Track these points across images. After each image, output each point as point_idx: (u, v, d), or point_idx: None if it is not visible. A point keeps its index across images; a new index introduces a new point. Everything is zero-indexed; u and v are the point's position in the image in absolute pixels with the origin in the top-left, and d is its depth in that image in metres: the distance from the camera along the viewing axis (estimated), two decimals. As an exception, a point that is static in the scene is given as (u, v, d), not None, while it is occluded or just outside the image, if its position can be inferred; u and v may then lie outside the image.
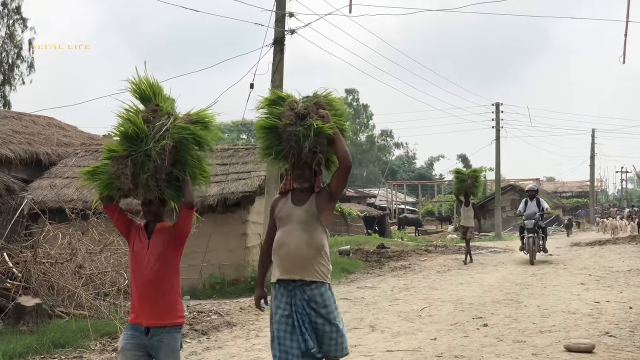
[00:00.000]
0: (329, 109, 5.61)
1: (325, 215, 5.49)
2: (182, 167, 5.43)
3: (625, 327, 9.57)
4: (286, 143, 5.38)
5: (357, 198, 56.03)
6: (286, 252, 5.40)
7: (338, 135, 5.43)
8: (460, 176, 22.73)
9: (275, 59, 16.27)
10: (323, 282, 5.40)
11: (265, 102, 5.70)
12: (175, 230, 5.47)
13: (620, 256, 22.50)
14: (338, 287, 15.93)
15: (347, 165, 5.49)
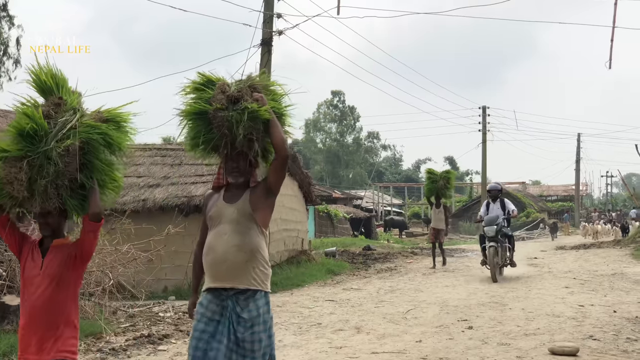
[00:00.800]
0: (266, 93, 4.99)
1: (261, 213, 4.91)
2: (89, 173, 4.62)
3: (609, 330, 9.61)
4: (217, 130, 4.74)
5: (343, 199, 56.02)
6: (214, 257, 4.78)
7: (275, 120, 4.81)
8: (432, 177, 21.80)
9: (263, 59, 16.31)
10: (259, 290, 4.84)
11: (193, 85, 5.02)
12: (77, 247, 4.66)
13: (605, 260, 22.66)
14: (324, 288, 15.96)
15: (284, 155, 4.85)
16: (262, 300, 4.87)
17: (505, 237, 17.14)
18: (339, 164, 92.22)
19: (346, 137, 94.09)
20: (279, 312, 12.03)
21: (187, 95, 5.02)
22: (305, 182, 22.37)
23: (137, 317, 11.23)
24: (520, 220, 58.71)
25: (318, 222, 39.75)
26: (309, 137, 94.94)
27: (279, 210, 19.48)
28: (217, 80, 5.03)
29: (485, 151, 47.17)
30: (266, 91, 5.04)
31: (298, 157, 21.42)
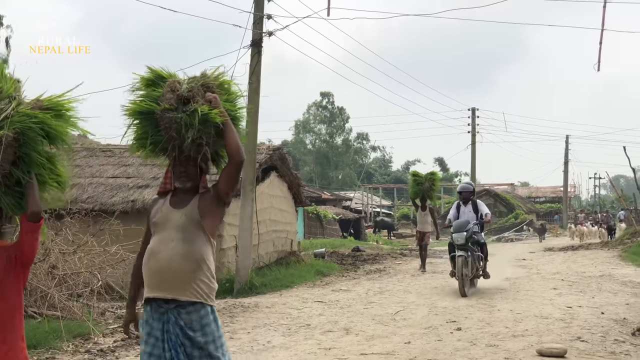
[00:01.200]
0: (221, 92, 4.63)
1: (210, 221, 4.53)
2: (26, 167, 4.17)
3: (597, 332, 9.65)
4: (165, 132, 4.39)
5: (332, 201, 56.04)
6: (157, 264, 4.38)
7: (229, 124, 4.45)
8: (417, 179, 20.82)
9: (253, 60, 16.29)
10: (203, 303, 4.41)
11: (142, 82, 4.63)
12: (16, 250, 4.25)
13: (593, 262, 22.75)
14: (313, 289, 15.96)
15: (238, 160, 4.50)
16: (207, 316, 4.44)
17: (476, 244, 14.88)
18: (328, 165, 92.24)
19: (335, 139, 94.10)
20: (268, 313, 12.03)
21: (136, 92, 4.67)
22: (295, 183, 22.39)
23: (126, 318, 11.20)
24: (509, 221, 58.86)
25: (307, 223, 39.76)
26: (298, 138, 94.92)
27: (268, 211, 19.49)
28: (168, 77, 4.67)
29: (475, 153, 47.33)
30: (221, 90, 4.70)
31: (287, 158, 21.40)
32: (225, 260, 16.63)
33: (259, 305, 12.85)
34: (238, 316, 11.68)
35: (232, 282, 15.79)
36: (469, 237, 14.37)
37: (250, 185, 16.16)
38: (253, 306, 12.75)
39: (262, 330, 10.36)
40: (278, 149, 20.57)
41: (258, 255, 18.33)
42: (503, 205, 66.07)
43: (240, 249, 16.07)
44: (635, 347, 8.66)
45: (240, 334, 10.05)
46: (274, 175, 20.29)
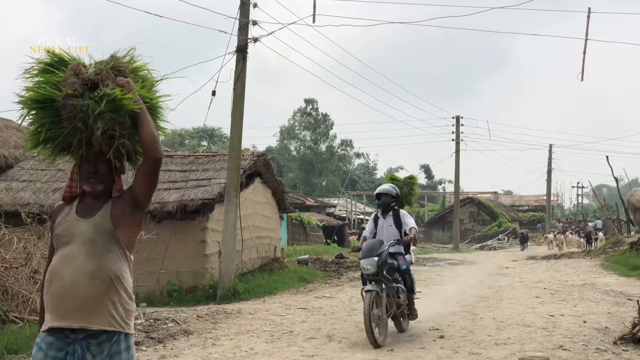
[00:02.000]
0: (135, 78, 3.90)
1: (125, 231, 3.82)
2: None
3: (579, 341, 9.68)
4: (68, 123, 3.61)
5: (316, 207, 56.04)
6: (59, 287, 3.64)
7: (144, 112, 3.75)
8: (395, 184, 20.06)
9: (238, 66, 16.29)
10: (119, 332, 3.71)
11: (40, 65, 3.86)
12: None
13: (575, 270, 22.85)
14: (296, 296, 15.94)
15: (155, 156, 3.80)
16: (121, 345, 3.72)
17: (394, 272, 10.52)
18: (312, 171, 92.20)
19: (320, 145, 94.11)
20: (251, 319, 12.00)
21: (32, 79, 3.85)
22: (279, 190, 22.36)
23: (108, 324, 11.13)
24: (492, 229, 59.10)
25: (291, 229, 39.72)
26: (283, 144, 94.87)
27: (251, 217, 19.46)
28: (71, 61, 3.89)
29: (459, 160, 47.47)
30: (135, 77, 3.94)
31: (272, 165, 21.35)
32: (209, 266, 16.59)
33: (242, 312, 12.80)
34: (221, 322, 11.64)
35: (215, 288, 15.75)
36: (383, 263, 9.95)
37: (234, 191, 16.13)
38: (236, 312, 12.70)
39: (244, 336, 10.33)
40: (262, 155, 20.54)
41: (241, 261, 18.30)
42: (486, 214, 66.34)
43: (224, 254, 16.03)
44: (617, 356, 8.70)
45: (222, 340, 10.01)
46: (258, 182, 20.27)
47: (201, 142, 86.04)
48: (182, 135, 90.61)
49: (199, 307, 13.57)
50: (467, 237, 58.72)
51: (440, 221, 65.10)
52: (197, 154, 19.74)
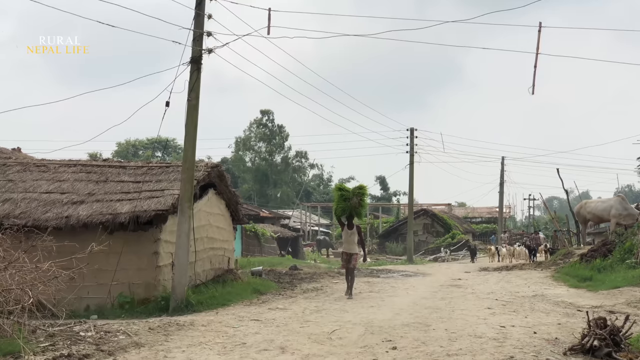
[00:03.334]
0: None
1: None
2: None
3: (529, 351, 9.79)
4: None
5: (271, 219, 55.95)
6: None
7: None
8: (345, 194, 18.91)
9: (192, 77, 16.22)
10: None
11: None
12: None
13: (526, 282, 23.12)
14: (250, 308, 15.87)
15: None
16: None
17: None
18: (267, 183, 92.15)
19: (275, 156, 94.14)
20: (204, 331, 11.92)
21: None
22: (233, 201, 22.28)
23: (57, 337, 10.95)
24: (445, 241, 59.53)
25: (245, 241, 39.59)
26: (238, 155, 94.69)
27: (205, 229, 19.36)
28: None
29: (412, 172, 47.77)
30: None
31: (226, 176, 21.24)
32: (162, 278, 16.45)
33: (195, 324, 12.71)
34: (173, 335, 11.54)
35: (168, 300, 15.61)
36: None
37: (187, 202, 16.03)
38: (189, 324, 12.61)
39: (197, 349, 10.25)
40: (216, 166, 20.45)
41: (195, 272, 18.17)
42: (440, 225, 66.85)
43: (177, 266, 15.91)
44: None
45: (174, 352, 9.93)
46: (212, 193, 20.17)
47: (155, 153, 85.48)
48: (135, 146, 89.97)
49: (151, 319, 13.43)
50: (421, 248, 59.07)
51: (394, 233, 65.38)
52: (150, 164, 19.56)
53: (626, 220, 31.21)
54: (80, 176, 18.42)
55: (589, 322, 10.11)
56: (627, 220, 31.23)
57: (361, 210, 19.31)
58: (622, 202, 32.82)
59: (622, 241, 26.28)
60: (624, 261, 23.05)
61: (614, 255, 24.58)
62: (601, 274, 22.33)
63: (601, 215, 34.00)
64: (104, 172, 18.59)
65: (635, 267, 21.39)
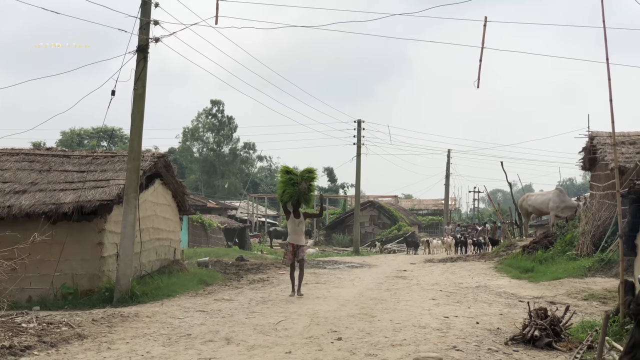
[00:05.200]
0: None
1: None
2: None
3: (472, 341, 9.94)
4: None
5: (218, 210, 55.74)
6: None
7: None
8: (293, 178, 16.94)
9: (139, 66, 16.07)
10: None
11: None
12: None
13: (470, 273, 23.42)
14: (195, 299, 15.80)
15: None
16: None
17: None
18: (214, 173, 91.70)
19: (223, 147, 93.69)
20: (148, 322, 11.84)
21: None
22: (179, 191, 22.14)
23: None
24: (392, 233, 59.96)
25: (192, 231, 39.41)
26: (185, 146, 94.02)
27: (151, 219, 19.22)
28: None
29: (360, 164, 47.89)
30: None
31: (172, 166, 21.08)
32: (106, 269, 16.29)
33: (139, 315, 12.62)
34: (117, 326, 11.44)
35: (112, 291, 15.47)
36: None
37: (133, 193, 15.89)
38: (133, 315, 12.51)
39: (141, 340, 10.19)
40: (163, 156, 20.27)
41: (140, 263, 18.03)
42: (387, 217, 67.30)
43: (122, 257, 15.77)
44: (508, 356, 8.98)
45: (118, 344, 9.85)
46: (158, 183, 20.01)
47: (101, 142, 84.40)
48: (81, 135, 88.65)
49: (94, 311, 13.30)
50: (367, 240, 59.38)
51: (341, 224, 65.61)
52: (95, 154, 19.32)
53: (564, 213, 31.82)
54: (23, 165, 18.12)
55: (530, 312, 10.31)
56: (565, 212, 31.84)
57: (310, 197, 17.21)
58: (560, 195, 33.44)
59: (563, 233, 26.81)
60: (565, 253, 23.51)
61: (555, 247, 25.06)
62: (542, 265, 22.74)
63: (541, 208, 34.61)
64: (47, 162, 18.31)
65: (575, 259, 21.82)
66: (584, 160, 27.49)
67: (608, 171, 22.88)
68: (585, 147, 26.68)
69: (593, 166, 26.89)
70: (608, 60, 10.30)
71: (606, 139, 23.72)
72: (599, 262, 19.97)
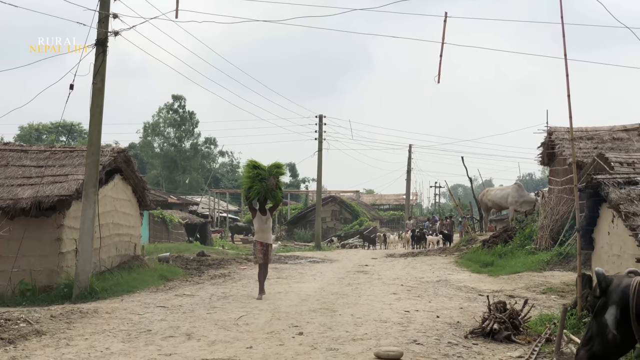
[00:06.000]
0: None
1: None
2: None
3: (432, 335, 10.03)
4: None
5: (179, 205, 55.37)
6: None
7: None
8: (261, 173, 15.70)
9: (98, 60, 15.89)
10: None
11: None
12: None
13: (431, 267, 23.60)
14: (156, 294, 15.71)
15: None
16: None
17: None
18: (176, 169, 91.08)
19: (184, 143, 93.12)
20: (108, 318, 11.75)
21: None
22: (140, 187, 21.95)
23: (-46, 325, 10.62)
24: (353, 228, 60.10)
25: (152, 227, 39.11)
26: (146, 141, 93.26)
27: (111, 215, 19.04)
28: None
29: (321, 159, 47.89)
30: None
31: (133, 161, 20.87)
32: (65, 265, 16.10)
33: (99, 311, 12.51)
34: (76, 322, 11.33)
35: (71, 287, 15.29)
36: None
37: (92, 188, 15.72)
38: (92, 312, 12.39)
39: (100, 336, 10.10)
40: (123, 151, 20.08)
41: (99, 259, 17.85)
42: (348, 212, 67.43)
43: (81, 252, 15.60)
44: (467, 349, 9.08)
45: (77, 340, 9.76)
46: (118, 178, 19.82)
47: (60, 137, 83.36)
48: (39, 130, 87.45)
49: (53, 307, 13.15)
50: (329, 235, 59.45)
51: (302, 219, 65.60)
52: (53, 149, 19.06)
53: (523, 207, 32.22)
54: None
55: (490, 306, 10.42)
56: (523, 207, 32.25)
57: (278, 193, 15.95)
58: (519, 190, 33.85)
59: (522, 227, 27.14)
60: (524, 247, 23.83)
61: (514, 241, 25.39)
62: (502, 259, 23.03)
63: (500, 202, 34.99)
64: (5, 156, 18.03)
65: (534, 253, 22.12)
66: (542, 156, 27.81)
67: (566, 166, 23.18)
68: (544, 143, 27.01)
69: (551, 161, 27.21)
70: (566, 56, 10.43)
71: (564, 134, 24.03)
72: (557, 256, 20.26)
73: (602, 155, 16.71)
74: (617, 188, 11.44)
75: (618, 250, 12.34)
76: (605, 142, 23.18)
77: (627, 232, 11.03)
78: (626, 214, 10.93)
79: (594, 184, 12.16)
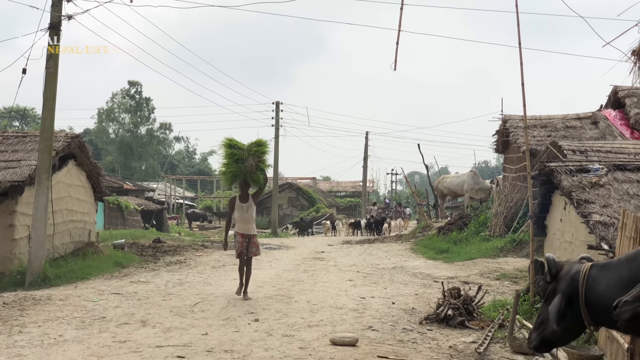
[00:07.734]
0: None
1: None
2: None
3: (388, 321, 10.11)
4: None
5: (135, 191, 54.93)
6: None
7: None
8: (237, 153, 13.39)
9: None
10: None
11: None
12: None
13: (387, 254, 23.73)
14: (110, 281, 15.58)
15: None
16: None
17: None
18: (131, 155, 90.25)
19: (140, 129, 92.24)
20: (61, 305, 11.62)
21: None
22: (94, 173, 21.71)
23: None
24: (310, 215, 60.19)
25: (108, 213, 38.74)
26: (101, 126, 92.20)
27: (65, 201, 18.82)
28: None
29: (278, 146, 47.83)
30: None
31: (87, 147, 20.62)
32: (17, 251, 15.90)
33: (52, 298, 12.36)
34: (29, 309, 11.19)
35: (24, 274, 15.10)
36: None
37: (45, 174, 15.52)
38: (45, 299, 12.25)
39: (54, 323, 9.99)
40: (77, 136, 19.84)
41: (53, 246, 17.63)
42: (305, 199, 67.57)
43: (34, 239, 15.40)
44: (422, 335, 9.17)
45: (30, 327, 9.64)
46: (72, 164, 19.58)
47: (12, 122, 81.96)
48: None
49: (5, 294, 12.95)
50: (285, 222, 59.48)
51: (259, 206, 64.94)
52: (5, 134, 18.78)
53: (478, 195, 32.59)
54: None
55: (444, 292, 10.53)
56: (479, 194, 32.61)
57: (259, 175, 13.59)
58: (474, 177, 34.21)
59: (477, 215, 27.43)
60: (479, 234, 24.11)
61: (469, 228, 25.67)
62: (457, 246, 23.26)
63: (455, 190, 35.34)
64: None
65: (488, 240, 22.39)
66: (497, 143, 28.08)
67: (520, 154, 23.45)
68: (499, 130, 27.27)
69: (506, 149, 27.50)
70: (520, 44, 10.54)
71: (518, 122, 24.30)
72: (511, 243, 20.53)
73: (555, 143, 16.93)
74: (569, 175, 11.63)
75: (570, 237, 12.55)
76: (558, 130, 23.51)
77: (579, 219, 11.22)
78: (578, 201, 11.12)
79: (546, 171, 12.34)
